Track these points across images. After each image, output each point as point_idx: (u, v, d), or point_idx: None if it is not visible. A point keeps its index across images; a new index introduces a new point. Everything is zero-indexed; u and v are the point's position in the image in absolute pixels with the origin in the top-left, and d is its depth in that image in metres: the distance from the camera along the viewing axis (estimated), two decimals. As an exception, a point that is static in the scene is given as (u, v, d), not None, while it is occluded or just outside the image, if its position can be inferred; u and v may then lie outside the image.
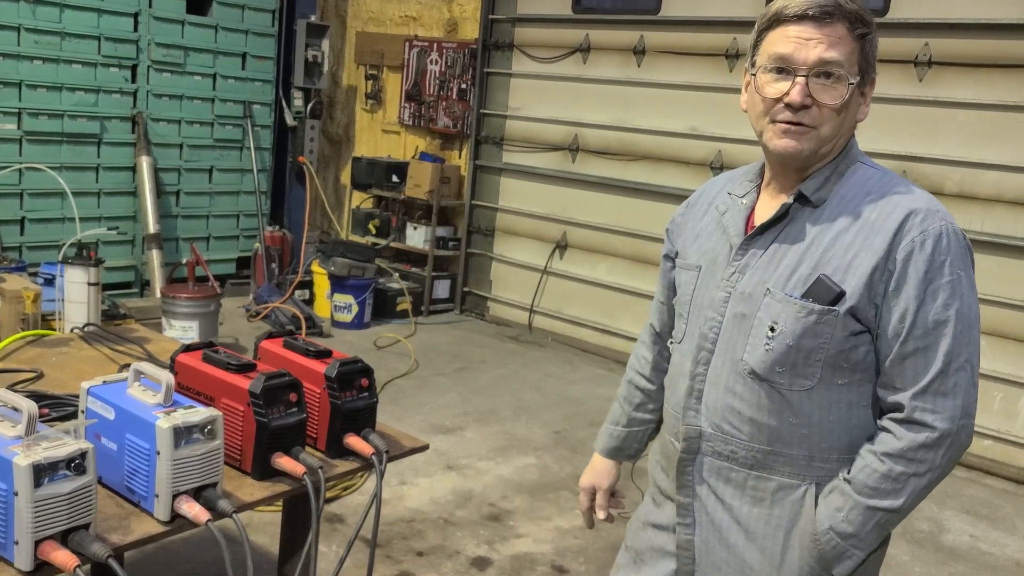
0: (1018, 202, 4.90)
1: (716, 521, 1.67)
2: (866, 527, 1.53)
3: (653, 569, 1.79)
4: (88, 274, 4.57)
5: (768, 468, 1.60)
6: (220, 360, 1.89)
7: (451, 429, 4.84)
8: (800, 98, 1.51)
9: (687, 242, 1.78)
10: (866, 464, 1.53)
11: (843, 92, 1.52)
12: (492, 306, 7.30)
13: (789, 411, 1.57)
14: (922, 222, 1.51)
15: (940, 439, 1.49)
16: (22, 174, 6.01)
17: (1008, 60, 4.86)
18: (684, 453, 1.68)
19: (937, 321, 1.49)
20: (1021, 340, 4.92)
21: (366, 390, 1.99)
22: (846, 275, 1.52)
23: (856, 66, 1.53)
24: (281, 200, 7.76)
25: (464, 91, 7.26)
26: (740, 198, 1.70)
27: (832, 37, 1.50)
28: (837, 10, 1.50)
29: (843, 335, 1.52)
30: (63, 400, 2.04)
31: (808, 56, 1.50)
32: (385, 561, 3.44)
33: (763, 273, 1.59)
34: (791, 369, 1.55)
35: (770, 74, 1.55)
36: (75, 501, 1.42)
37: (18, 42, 5.95)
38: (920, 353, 1.50)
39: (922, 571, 3.80)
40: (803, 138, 1.54)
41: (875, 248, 1.51)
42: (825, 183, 1.59)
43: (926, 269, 1.49)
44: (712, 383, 1.64)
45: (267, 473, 1.80)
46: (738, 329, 1.60)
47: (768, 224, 1.61)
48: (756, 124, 1.61)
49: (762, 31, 1.57)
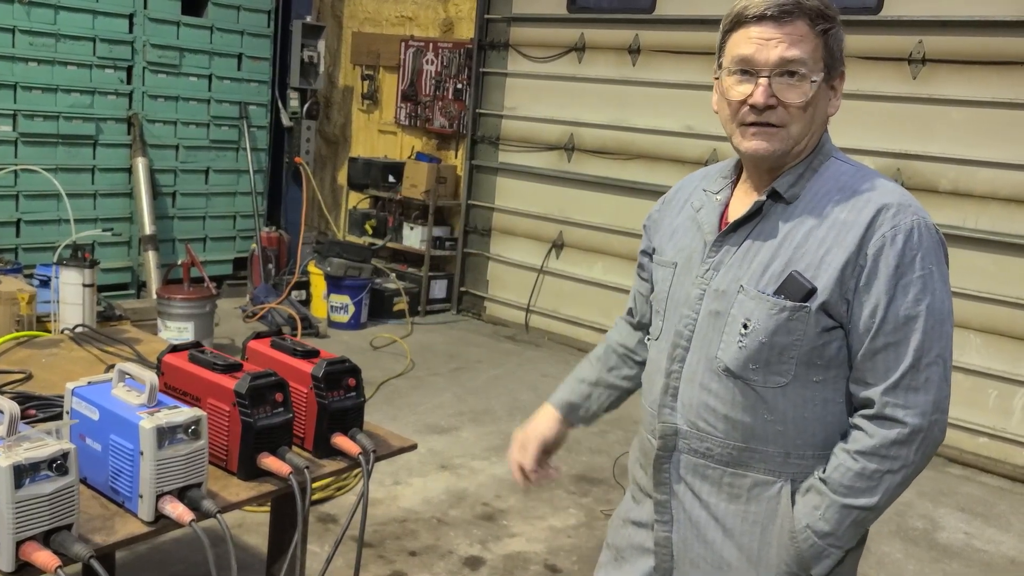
0: (1013, 199, 4.90)
1: (694, 518, 1.67)
2: (843, 525, 1.53)
3: (633, 566, 1.79)
4: (83, 276, 4.56)
5: (744, 465, 1.60)
6: (206, 360, 1.89)
7: (446, 429, 4.85)
8: (764, 99, 1.51)
9: (663, 239, 1.78)
10: (840, 463, 1.53)
11: (807, 90, 1.52)
12: (489, 306, 7.30)
13: (764, 408, 1.57)
14: (893, 217, 1.50)
15: (912, 435, 1.49)
16: (18, 176, 6.01)
17: (1002, 57, 4.86)
18: (661, 451, 1.68)
19: (908, 316, 1.49)
20: (1016, 337, 4.92)
21: (353, 390, 1.99)
22: (818, 271, 1.51)
23: (821, 62, 1.53)
24: (277, 201, 7.76)
25: (460, 91, 7.26)
26: (715, 195, 1.70)
27: (793, 36, 1.50)
28: (796, 8, 1.50)
29: (816, 331, 1.52)
30: (50, 401, 2.04)
31: (769, 56, 1.50)
32: (378, 561, 3.44)
33: (737, 270, 1.59)
34: (765, 366, 1.55)
35: (734, 76, 1.55)
36: (57, 502, 1.42)
37: (13, 44, 5.95)
38: (891, 348, 1.50)
39: (916, 569, 3.80)
40: (772, 138, 1.54)
41: (846, 244, 1.50)
42: (798, 179, 1.59)
43: (896, 264, 1.48)
44: (687, 380, 1.64)
45: (253, 473, 1.80)
46: (712, 326, 1.60)
47: (741, 221, 1.61)
48: (726, 127, 1.62)
49: (725, 33, 1.58)
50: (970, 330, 5.02)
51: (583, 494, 4.20)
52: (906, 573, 3.77)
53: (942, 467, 4.97)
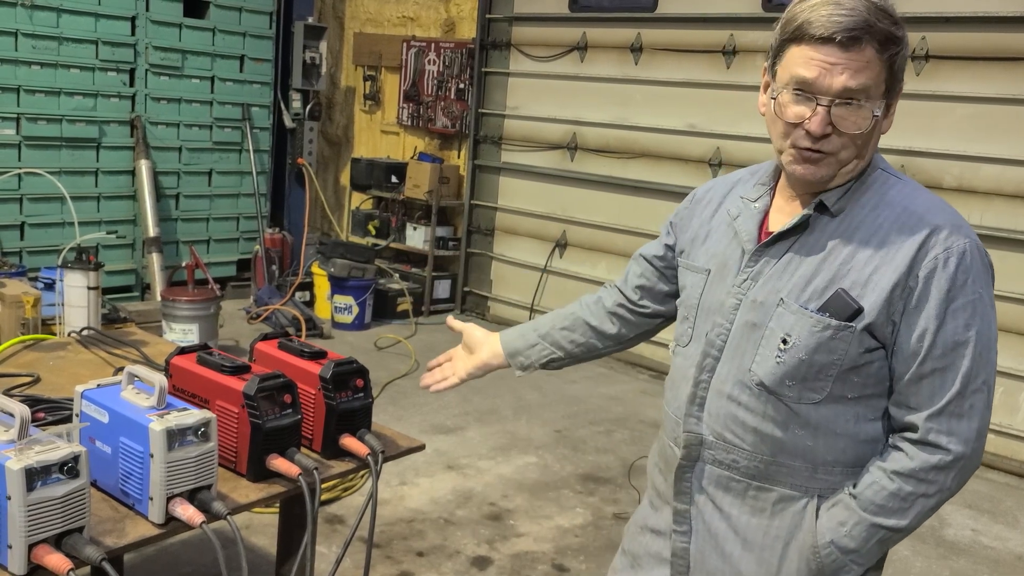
0: (1017, 195, 4.89)
1: (713, 530, 1.63)
2: (868, 543, 1.50)
3: (649, 574, 1.76)
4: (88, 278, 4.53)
5: (770, 479, 1.56)
6: (214, 362, 1.88)
7: (452, 429, 4.85)
8: (820, 129, 1.44)
9: (694, 242, 1.72)
10: (874, 481, 1.49)
11: (866, 120, 1.45)
12: (493, 306, 7.30)
13: (796, 423, 1.52)
14: (946, 239, 1.45)
15: (954, 462, 1.46)
16: (21, 179, 6.01)
17: (1006, 53, 4.85)
18: (684, 460, 1.65)
19: (957, 342, 1.45)
20: (1021, 334, 4.91)
21: (361, 390, 1.98)
22: (864, 290, 1.46)
23: (883, 86, 1.46)
24: (281, 202, 7.76)
25: (462, 91, 7.26)
26: (753, 202, 1.64)
27: (859, 62, 1.41)
28: (866, 34, 1.41)
29: (858, 351, 1.47)
30: (59, 404, 2.04)
31: (832, 84, 1.42)
32: (385, 561, 3.44)
33: (777, 282, 1.53)
34: (801, 383, 1.50)
35: (791, 95, 1.46)
36: (68, 504, 1.42)
37: (16, 47, 5.95)
38: (938, 374, 1.45)
39: (923, 565, 3.80)
40: (820, 165, 1.48)
41: (896, 264, 1.45)
42: (846, 192, 1.53)
43: (948, 288, 1.44)
44: (716, 391, 1.59)
45: (262, 475, 1.80)
46: (747, 338, 1.55)
47: (785, 232, 1.55)
48: (775, 143, 1.54)
49: (785, 41, 1.47)
50: (975, 326, 5.01)
51: (590, 493, 4.20)
52: (913, 570, 3.76)
53: (948, 464, 4.96)
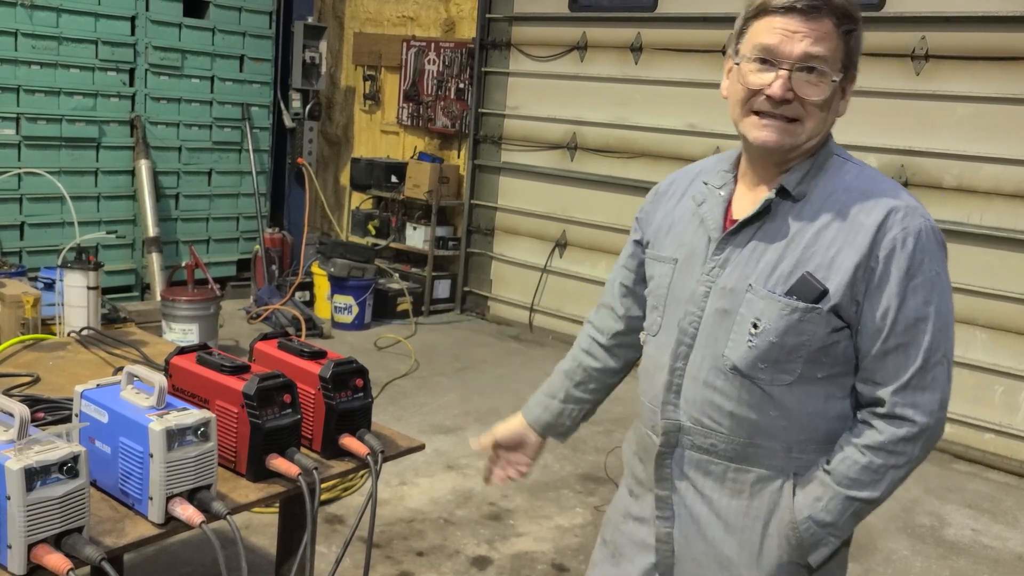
0: (1017, 195, 4.89)
1: (695, 514, 1.68)
2: (844, 516, 1.56)
3: (632, 564, 1.78)
4: (87, 278, 4.54)
5: (748, 460, 1.61)
6: (214, 362, 1.89)
7: (451, 429, 4.85)
8: (782, 92, 1.50)
9: (659, 232, 1.76)
10: (847, 456, 1.55)
11: (826, 89, 1.52)
12: (492, 305, 7.30)
13: (770, 405, 1.58)
14: (903, 220, 1.52)
15: (920, 432, 1.53)
16: (21, 179, 6.01)
17: (1005, 53, 4.85)
18: (663, 447, 1.68)
19: (918, 318, 1.51)
20: (1021, 333, 4.91)
21: (361, 390, 1.98)
22: (829, 272, 1.52)
23: (840, 63, 1.52)
24: (280, 202, 7.76)
25: (462, 91, 7.25)
26: (717, 189, 1.68)
27: (819, 32, 1.49)
28: (825, 5, 1.49)
29: (825, 332, 1.53)
30: (59, 404, 2.04)
31: (793, 49, 1.49)
32: (385, 561, 3.44)
33: (744, 268, 1.58)
34: (773, 365, 1.56)
35: (754, 64, 1.53)
36: (68, 504, 1.42)
37: (15, 47, 5.95)
38: (901, 349, 1.52)
39: (923, 565, 3.80)
40: (783, 132, 1.54)
41: (857, 245, 1.51)
42: (805, 177, 1.58)
43: (907, 267, 1.50)
44: (691, 378, 1.64)
45: (262, 474, 1.80)
46: (719, 325, 1.60)
47: (749, 219, 1.60)
48: (734, 112, 1.60)
49: (748, 19, 1.56)
50: (975, 326, 5.01)
51: (589, 493, 4.20)
52: (913, 570, 3.76)
53: (948, 464, 4.96)
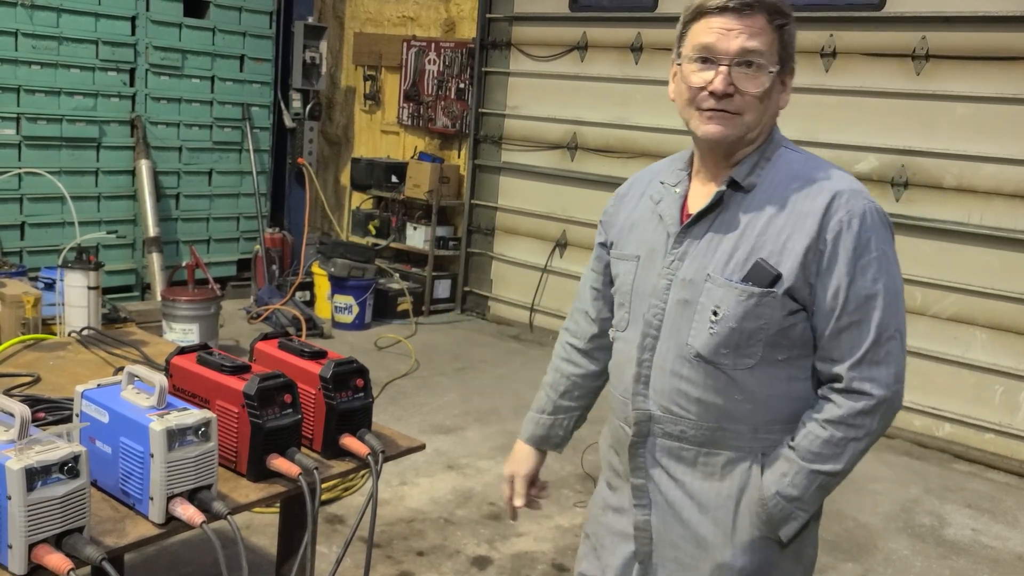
0: (1017, 195, 4.89)
1: (670, 499, 1.73)
2: (810, 490, 1.63)
3: (612, 555, 1.84)
4: (88, 278, 4.54)
5: (717, 444, 1.68)
6: (214, 362, 1.89)
7: (452, 429, 4.85)
8: (723, 86, 1.58)
9: (622, 233, 1.83)
10: (809, 431, 1.62)
11: (764, 80, 1.60)
12: (493, 305, 7.30)
13: (734, 389, 1.64)
14: (847, 203, 1.59)
15: (877, 405, 1.60)
16: (21, 179, 6.01)
17: (1005, 53, 4.85)
18: (635, 437, 1.74)
19: (867, 295, 1.58)
20: (1021, 333, 4.90)
21: (361, 390, 1.99)
22: (781, 257, 1.59)
23: (776, 55, 1.61)
24: (281, 202, 7.76)
25: (462, 91, 7.26)
26: (673, 187, 1.76)
27: (753, 28, 1.58)
28: (757, 2, 1.58)
29: (781, 315, 1.60)
30: (59, 404, 2.04)
31: (730, 46, 1.58)
32: (385, 561, 3.45)
33: (702, 259, 1.66)
34: (735, 350, 1.63)
35: (695, 64, 1.62)
36: (68, 504, 1.42)
37: (16, 47, 5.96)
38: (854, 326, 1.59)
39: (923, 565, 3.80)
40: (728, 124, 1.61)
41: (806, 230, 1.58)
42: (754, 169, 1.66)
43: (854, 247, 1.57)
44: (659, 368, 1.70)
45: (262, 474, 1.80)
46: (681, 315, 1.67)
47: (703, 212, 1.67)
48: (683, 112, 1.68)
49: (687, 23, 1.66)
50: (976, 326, 5.01)
51: (589, 493, 4.20)
52: (913, 570, 3.76)
53: (948, 463, 4.96)
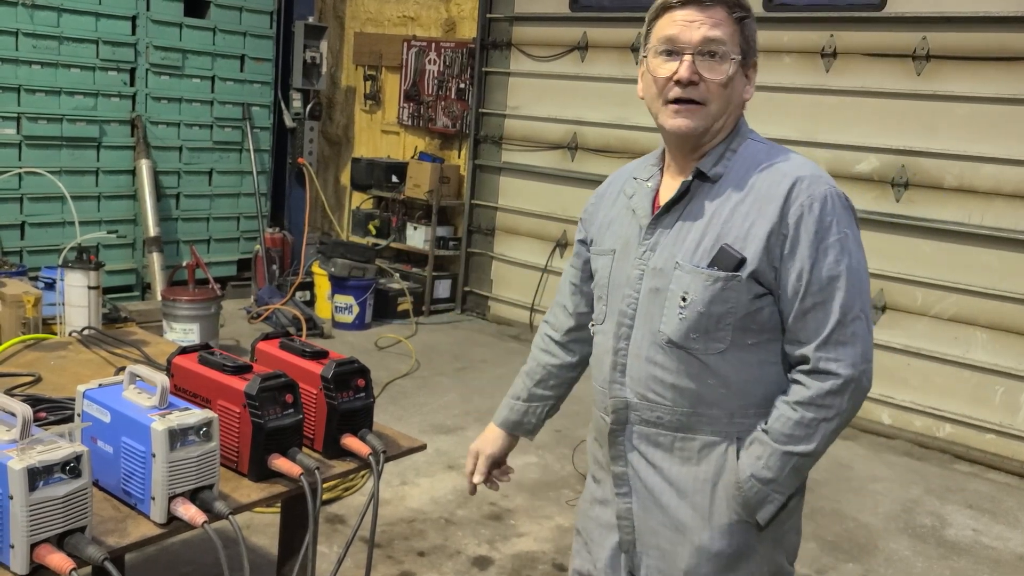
0: (1017, 195, 4.89)
1: (649, 485, 1.76)
2: (784, 471, 1.66)
3: (600, 547, 1.87)
4: (88, 278, 4.54)
5: (692, 429, 1.71)
6: (216, 362, 1.89)
7: (452, 429, 4.85)
8: (688, 74, 1.64)
9: (600, 230, 1.89)
10: (781, 414, 1.66)
11: (727, 69, 1.66)
12: (493, 305, 7.30)
13: (707, 374, 1.68)
14: (808, 187, 1.63)
15: (844, 384, 1.62)
16: (22, 178, 6.01)
17: (1006, 53, 4.85)
18: (614, 425, 1.78)
19: (830, 276, 1.62)
20: (1022, 334, 4.90)
21: (363, 390, 1.99)
22: (745, 242, 1.64)
23: (738, 47, 1.67)
24: (281, 202, 7.76)
25: (463, 91, 7.26)
26: (645, 181, 1.82)
27: (714, 19, 1.65)
28: None
29: (748, 298, 1.65)
30: (60, 403, 2.04)
31: (693, 36, 1.64)
32: (386, 561, 3.45)
33: (672, 248, 1.70)
34: (704, 334, 1.66)
35: (660, 56, 1.68)
36: (70, 504, 1.42)
37: (16, 46, 5.96)
38: (819, 307, 1.63)
39: (924, 566, 3.80)
40: (694, 116, 1.67)
41: (769, 215, 1.63)
42: (720, 159, 1.71)
43: (816, 229, 1.62)
44: (634, 356, 1.74)
45: (264, 474, 1.80)
46: (653, 303, 1.72)
47: (672, 202, 1.73)
48: (652, 107, 1.72)
49: (651, 21, 1.71)
50: (976, 327, 5.01)
51: (590, 493, 4.20)
52: (914, 570, 3.76)
53: (949, 464, 4.96)
